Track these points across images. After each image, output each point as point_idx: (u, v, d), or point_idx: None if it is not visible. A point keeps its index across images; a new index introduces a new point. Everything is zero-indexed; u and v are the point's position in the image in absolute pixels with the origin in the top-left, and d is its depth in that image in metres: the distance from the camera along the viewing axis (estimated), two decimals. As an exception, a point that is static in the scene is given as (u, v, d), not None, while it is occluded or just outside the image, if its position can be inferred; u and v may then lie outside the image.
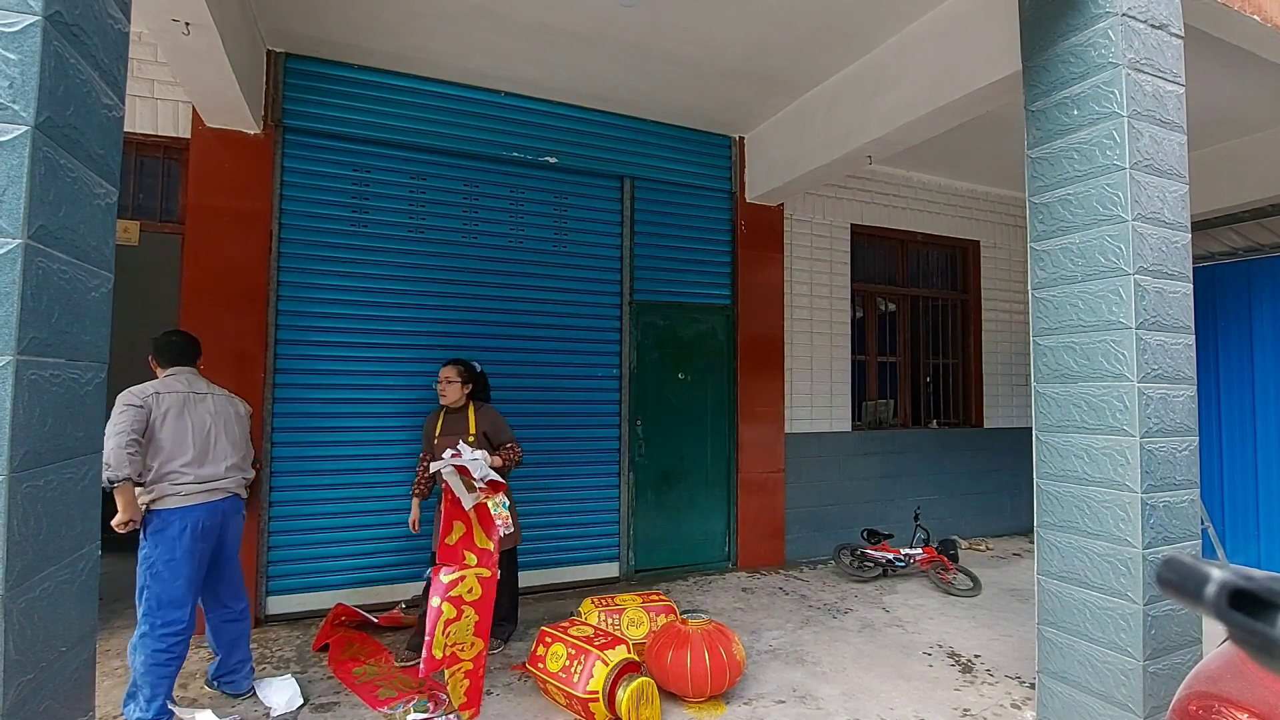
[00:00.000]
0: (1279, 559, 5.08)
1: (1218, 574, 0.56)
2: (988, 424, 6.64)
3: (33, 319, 1.24)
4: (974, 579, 4.86)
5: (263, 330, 4.02)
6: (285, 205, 4.15)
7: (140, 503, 2.68)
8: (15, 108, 1.21)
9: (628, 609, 3.44)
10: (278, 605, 4.05)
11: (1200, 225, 5.82)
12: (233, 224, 3.96)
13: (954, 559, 5.02)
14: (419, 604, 3.60)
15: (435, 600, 2.84)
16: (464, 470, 3.07)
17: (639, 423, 5.05)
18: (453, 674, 2.78)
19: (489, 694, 3.09)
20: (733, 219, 5.44)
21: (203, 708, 2.82)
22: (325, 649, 3.55)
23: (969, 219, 6.63)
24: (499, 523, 3.07)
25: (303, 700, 2.99)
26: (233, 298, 3.94)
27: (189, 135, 3.90)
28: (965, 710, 3.03)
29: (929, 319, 6.58)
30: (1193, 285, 2.69)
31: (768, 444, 5.46)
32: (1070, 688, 2.68)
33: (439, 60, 4.25)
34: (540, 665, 2.97)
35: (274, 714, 2.90)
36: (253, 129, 3.98)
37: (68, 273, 1.35)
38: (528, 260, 4.75)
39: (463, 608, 2.88)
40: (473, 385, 3.65)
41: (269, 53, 4.09)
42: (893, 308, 6.45)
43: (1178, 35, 2.74)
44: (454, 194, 4.58)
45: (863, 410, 6.17)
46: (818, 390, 5.76)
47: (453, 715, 2.86)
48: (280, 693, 2.98)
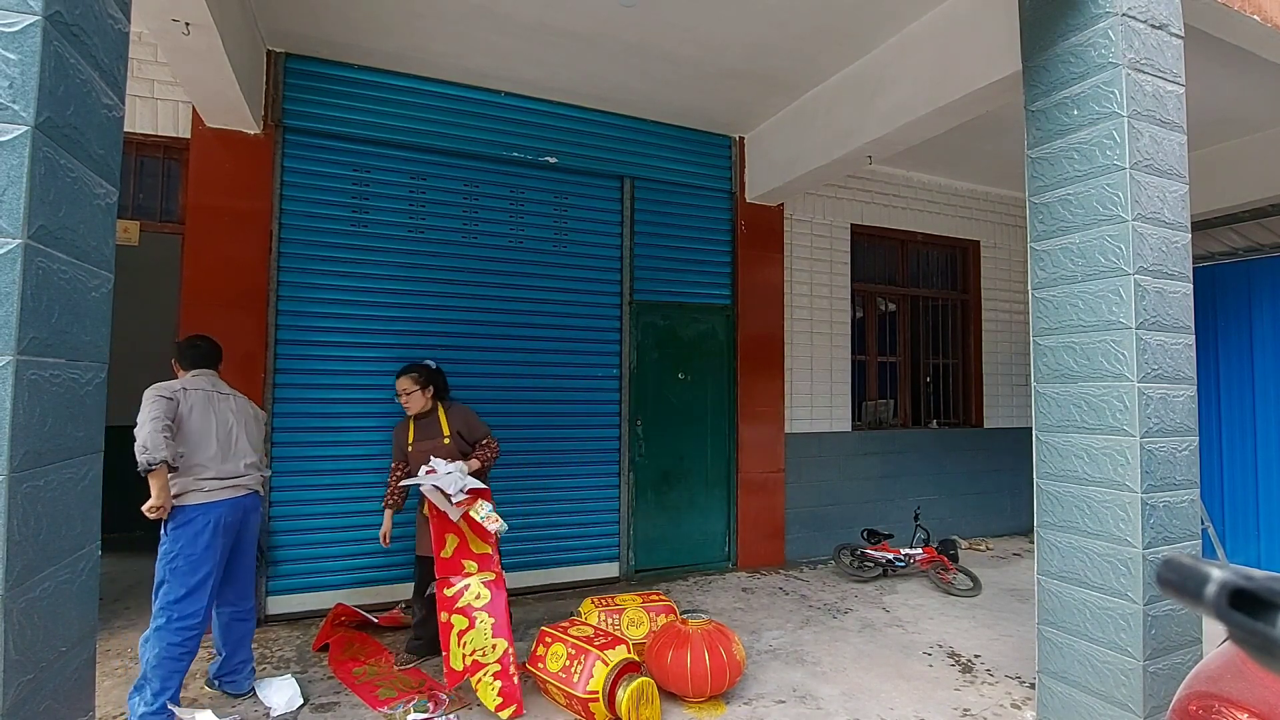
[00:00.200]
0: (1279, 559, 5.08)
1: (1218, 574, 0.56)
2: (988, 424, 6.64)
3: (33, 319, 1.24)
4: (974, 579, 4.86)
5: (263, 330, 4.02)
6: (285, 205, 4.15)
7: (170, 492, 2.71)
8: (15, 108, 1.21)
9: (628, 609, 3.44)
10: (278, 605, 4.05)
11: (1200, 225, 5.82)
12: (233, 224, 3.96)
13: (954, 559, 5.02)
14: (413, 605, 3.61)
15: (444, 615, 2.84)
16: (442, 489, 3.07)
17: (639, 423, 5.05)
18: (479, 681, 2.77)
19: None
20: (733, 219, 5.44)
21: (203, 708, 2.82)
22: (325, 649, 3.55)
23: (969, 219, 6.63)
24: (491, 526, 3.07)
25: (303, 700, 2.99)
26: (233, 298, 3.94)
27: (189, 135, 3.90)
28: (965, 710, 3.04)
29: (929, 319, 6.58)
30: (1193, 285, 2.69)
31: (768, 444, 5.46)
32: (1070, 688, 2.68)
33: (439, 60, 4.25)
34: (540, 665, 2.97)
35: (274, 714, 2.90)
36: (253, 129, 3.98)
37: (68, 273, 1.35)
38: (528, 260, 4.75)
39: (474, 615, 2.88)
40: (433, 387, 3.48)
41: (269, 53, 4.09)
42: (893, 308, 6.45)
43: (1178, 35, 2.74)
44: (454, 194, 4.58)
45: (863, 410, 6.17)
46: (818, 390, 5.76)
47: (453, 716, 2.86)
48: (280, 693, 2.98)
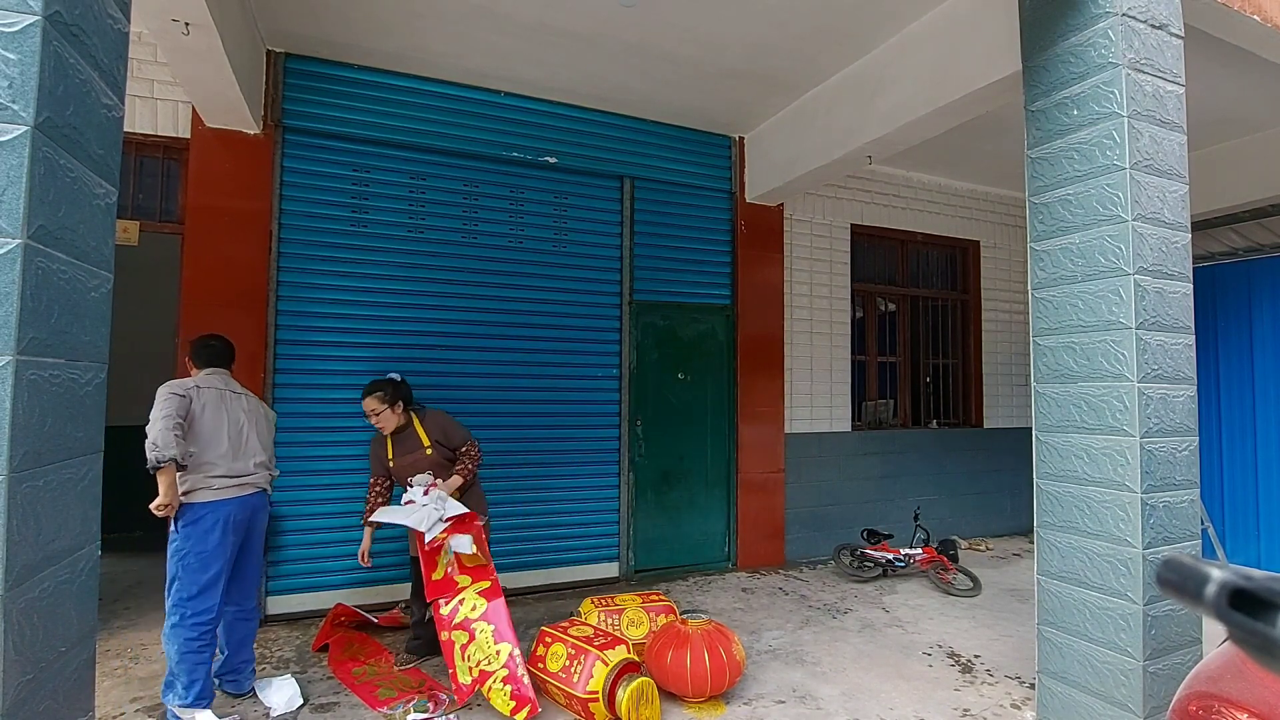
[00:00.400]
0: (1279, 559, 5.08)
1: (1218, 574, 0.56)
2: (988, 424, 6.63)
3: (32, 319, 1.24)
4: (974, 579, 4.85)
5: (263, 330, 4.02)
6: (285, 205, 4.15)
7: (178, 491, 2.72)
8: (15, 108, 1.21)
9: (628, 609, 3.44)
10: (278, 605, 4.05)
11: (1200, 225, 5.82)
12: (233, 224, 3.96)
13: (954, 559, 5.02)
14: (411, 605, 3.60)
15: (444, 634, 2.84)
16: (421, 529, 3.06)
17: (639, 423, 5.05)
18: (489, 689, 2.77)
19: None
20: (733, 219, 5.44)
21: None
22: (325, 649, 3.55)
23: (969, 219, 6.63)
24: (463, 550, 3.04)
25: (303, 700, 2.99)
26: (233, 298, 3.94)
27: (189, 135, 3.90)
28: (965, 710, 3.03)
29: (929, 319, 6.58)
30: (1193, 285, 2.69)
31: (768, 444, 5.46)
32: (1070, 688, 2.68)
33: (439, 60, 4.25)
34: (540, 665, 2.97)
35: (274, 714, 2.90)
36: (253, 129, 3.98)
37: (67, 273, 1.35)
38: (528, 260, 4.75)
39: (472, 628, 2.87)
40: (402, 400, 3.40)
41: (269, 53, 4.09)
42: (893, 308, 6.44)
43: (1178, 35, 2.74)
44: (454, 194, 4.58)
45: (863, 410, 6.17)
46: (818, 390, 5.76)
47: (452, 716, 2.86)
48: (280, 693, 2.98)
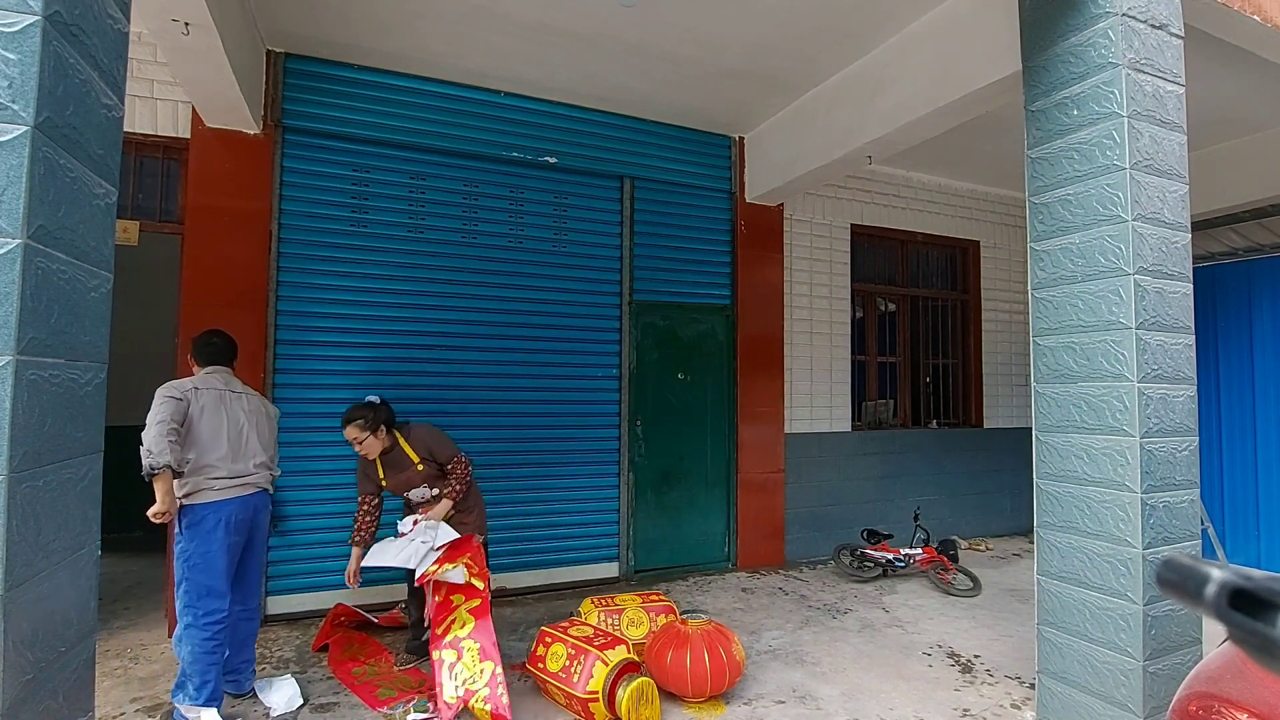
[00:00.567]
0: (1279, 559, 5.08)
1: (1218, 574, 0.56)
2: (988, 424, 6.63)
3: (32, 319, 1.24)
4: (974, 579, 4.85)
5: (263, 330, 4.02)
6: (285, 205, 4.15)
7: (175, 497, 2.72)
8: (15, 108, 1.21)
9: (627, 609, 3.44)
10: (278, 605, 4.05)
11: (1200, 225, 5.82)
12: (232, 224, 3.96)
13: (954, 559, 5.02)
14: (409, 605, 3.60)
15: (435, 654, 2.84)
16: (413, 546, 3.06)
17: (639, 423, 5.05)
18: (475, 706, 2.77)
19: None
20: (732, 219, 5.44)
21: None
22: (325, 649, 3.55)
23: (969, 219, 6.63)
24: (453, 577, 3.03)
25: (303, 700, 2.99)
26: (232, 298, 3.94)
27: (189, 135, 3.90)
28: (965, 710, 3.03)
29: (929, 319, 6.58)
30: (1193, 285, 2.69)
31: (767, 444, 5.46)
32: (1070, 688, 2.68)
33: (439, 60, 4.25)
34: (540, 665, 2.97)
35: (274, 714, 2.90)
36: (252, 129, 3.98)
37: (67, 273, 1.35)
38: (528, 260, 4.75)
39: (460, 645, 2.86)
40: (384, 423, 3.31)
41: (269, 53, 4.09)
42: (893, 308, 6.44)
43: (1178, 35, 2.74)
44: (454, 194, 4.58)
45: (863, 410, 6.17)
46: (817, 390, 5.76)
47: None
48: (280, 693, 2.99)
